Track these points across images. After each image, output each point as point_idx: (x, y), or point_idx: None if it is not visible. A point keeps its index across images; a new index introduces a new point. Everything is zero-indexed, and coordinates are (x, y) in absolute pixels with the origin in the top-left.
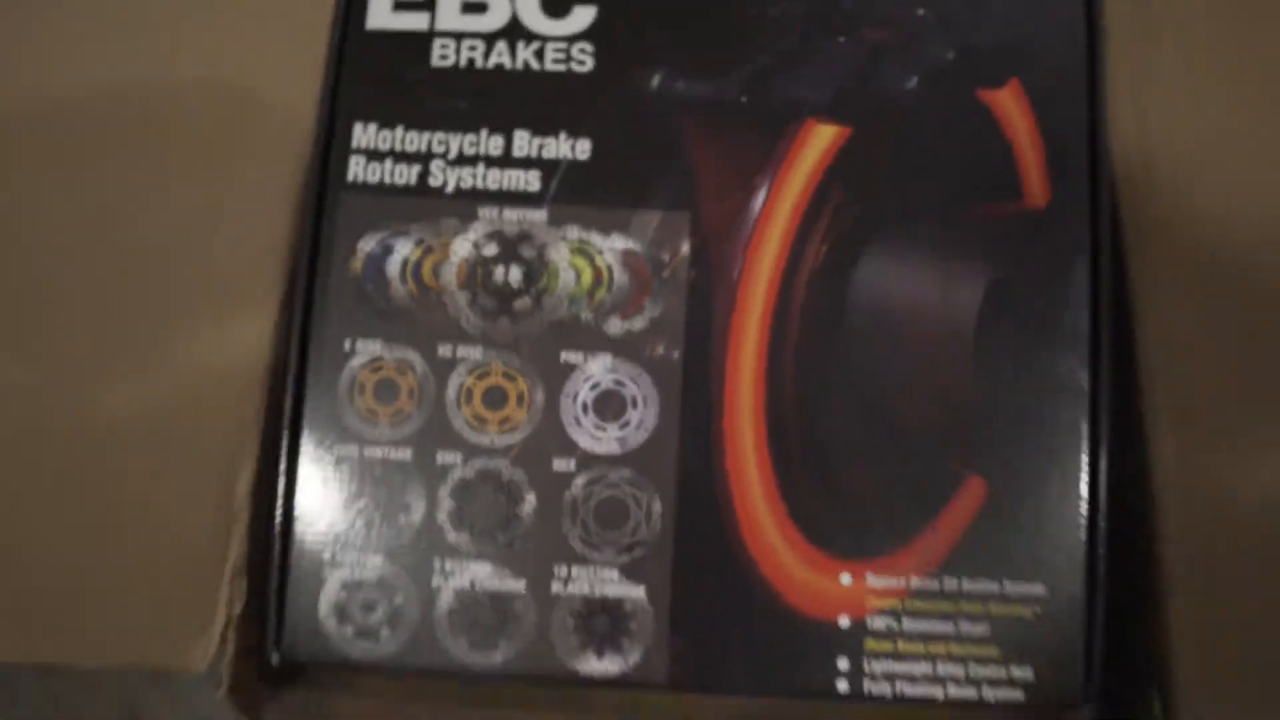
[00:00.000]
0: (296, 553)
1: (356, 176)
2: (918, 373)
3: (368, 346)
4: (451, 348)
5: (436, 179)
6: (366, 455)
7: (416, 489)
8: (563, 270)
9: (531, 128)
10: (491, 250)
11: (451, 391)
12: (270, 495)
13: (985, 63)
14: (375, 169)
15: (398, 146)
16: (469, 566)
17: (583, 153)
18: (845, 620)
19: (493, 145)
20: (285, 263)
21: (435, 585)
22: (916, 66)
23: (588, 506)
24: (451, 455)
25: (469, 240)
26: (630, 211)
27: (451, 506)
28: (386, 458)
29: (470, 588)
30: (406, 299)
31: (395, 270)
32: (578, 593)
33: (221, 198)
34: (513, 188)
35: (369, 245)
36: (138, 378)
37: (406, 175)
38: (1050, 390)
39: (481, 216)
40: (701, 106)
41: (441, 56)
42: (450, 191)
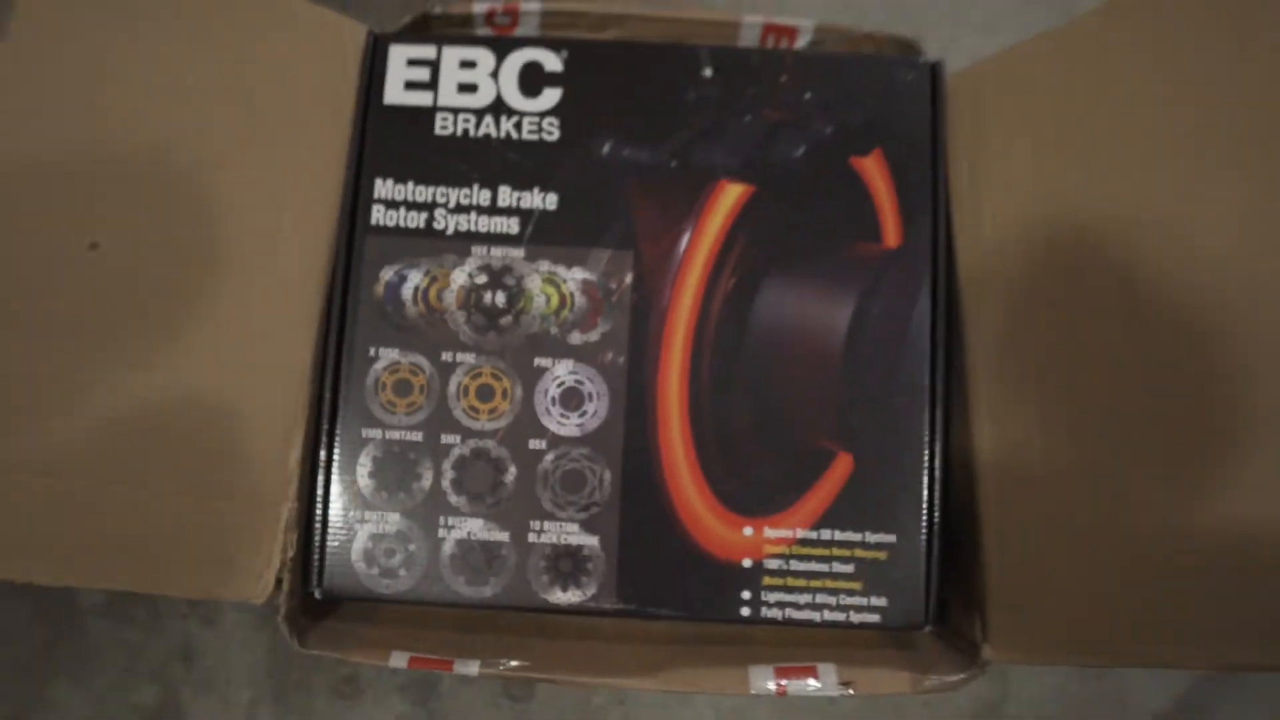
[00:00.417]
0: (334, 511)
1: (378, 221)
2: (801, 374)
3: (387, 353)
4: (452, 354)
5: (440, 223)
6: (387, 437)
7: (425, 463)
8: (536, 295)
9: (512, 184)
10: (482, 279)
11: (452, 388)
12: (314, 466)
13: (856, 136)
14: (392, 215)
15: (409, 197)
16: (466, 522)
17: (551, 204)
18: (748, 562)
19: (482, 197)
20: (324, 287)
21: (440, 536)
22: (804, 139)
23: (555, 476)
24: (452, 437)
25: (465, 271)
26: (587, 250)
27: (453, 476)
28: (402, 439)
29: (467, 538)
30: (417, 317)
31: (408, 294)
32: (548, 541)
33: (275, 235)
34: (498, 231)
35: (388, 275)
36: (214, 370)
37: (416, 220)
38: (901, 388)
39: (474, 253)
40: (641, 169)
41: (442, 127)
42: (450, 233)
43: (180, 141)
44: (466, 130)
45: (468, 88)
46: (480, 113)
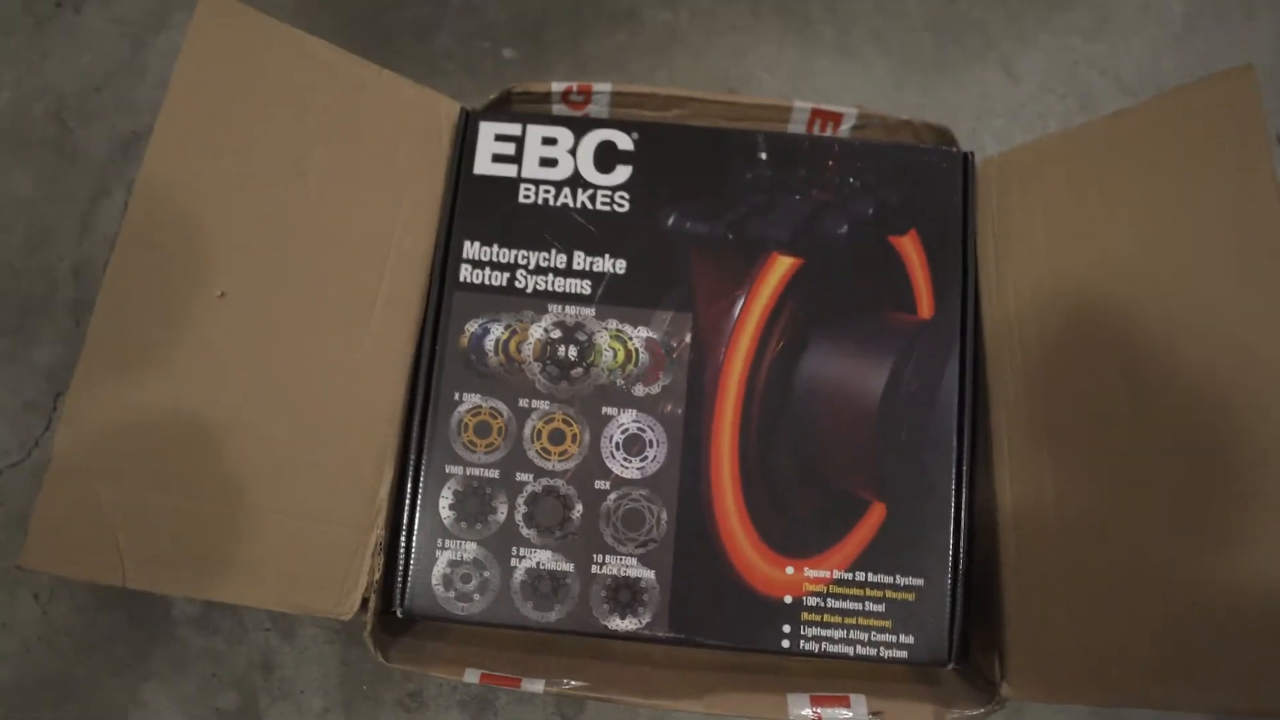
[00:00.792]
0: (417, 539)
1: (465, 278)
2: (840, 430)
3: (470, 398)
4: (528, 401)
5: (520, 282)
6: (468, 473)
7: (501, 498)
8: (605, 350)
9: (586, 249)
10: (557, 334)
11: (527, 431)
12: (402, 498)
13: (894, 217)
14: (478, 274)
15: (494, 258)
16: (536, 553)
17: (620, 268)
18: (789, 598)
19: (559, 260)
20: (415, 337)
21: (512, 565)
22: (847, 217)
23: (617, 514)
24: (526, 475)
25: (541, 327)
26: (651, 311)
27: (525, 511)
28: (481, 475)
29: (536, 567)
30: (498, 366)
31: (491, 346)
32: (609, 573)
33: (375, 289)
34: (572, 291)
35: (473, 327)
36: (319, 409)
37: (500, 279)
38: (931, 444)
39: (550, 310)
40: (701, 240)
41: (525, 196)
42: (529, 292)
43: (300, 208)
44: (547, 200)
45: (548, 162)
46: (559, 185)
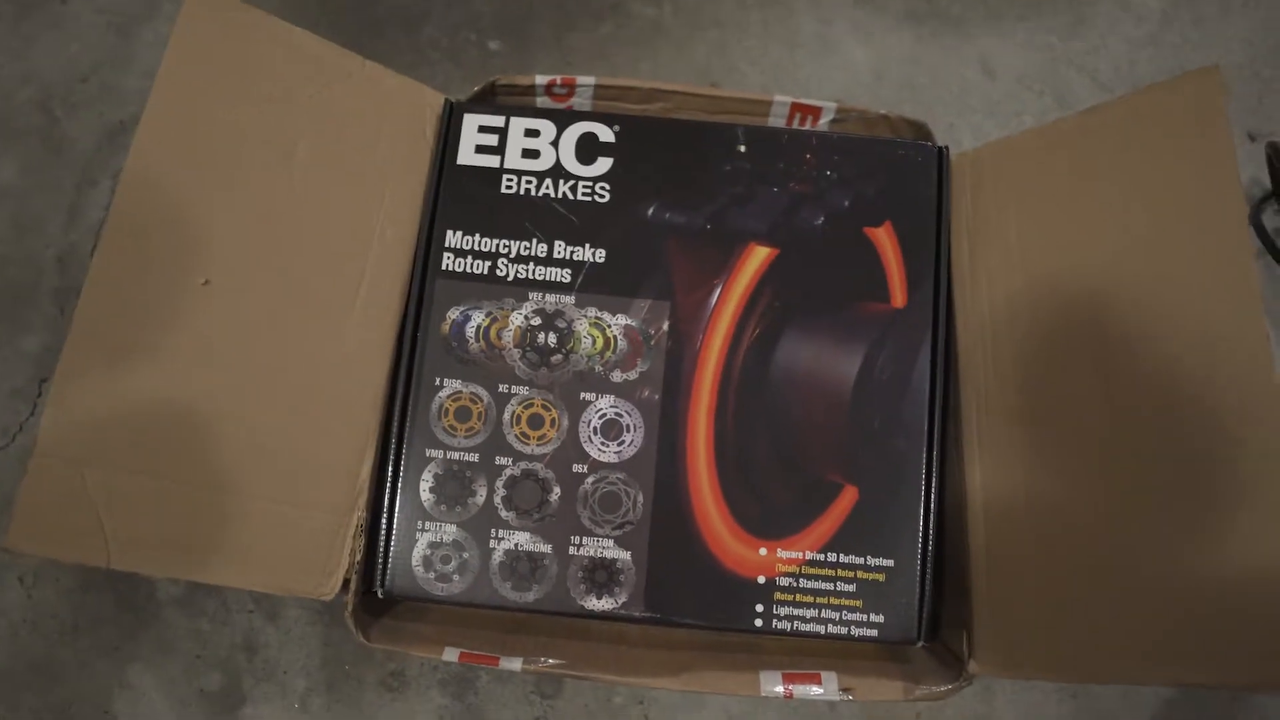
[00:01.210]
0: (399, 521)
1: (447, 266)
2: (814, 415)
3: (451, 383)
4: (508, 386)
5: (501, 271)
6: (448, 456)
7: (480, 481)
8: (584, 337)
9: (566, 239)
10: (536, 321)
11: (507, 416)
12: (383, 481)
13: (869, 209)
14: (460, 262)
15: (476, 247)
16: (514, 534)
17: (600, 257)
18: (762, 579)
19: (539, 249)
20: (397, 324)
21: (491, 546)
22: (824, 209)
23: (594, 497)
24: (505, 459)
25: (522, 314)
26: (630, 299)
27: (504, 494)
28: (461, 459)
29: (514, 549)
30: (478, 352)
31: (472, 332)
32: (586, 554)
33: (359, 277)
34: (552, 279)
35: (454, 314)
36: (302, 393)
37: (481, 267)
38: (903, 430)
39: (530, 298)
40: (679, 230)
41: (507, 186)
42: (510, 280)
43: (285, 198)
44: (528, 190)
45: (531, 153)
46: (541, 175)
